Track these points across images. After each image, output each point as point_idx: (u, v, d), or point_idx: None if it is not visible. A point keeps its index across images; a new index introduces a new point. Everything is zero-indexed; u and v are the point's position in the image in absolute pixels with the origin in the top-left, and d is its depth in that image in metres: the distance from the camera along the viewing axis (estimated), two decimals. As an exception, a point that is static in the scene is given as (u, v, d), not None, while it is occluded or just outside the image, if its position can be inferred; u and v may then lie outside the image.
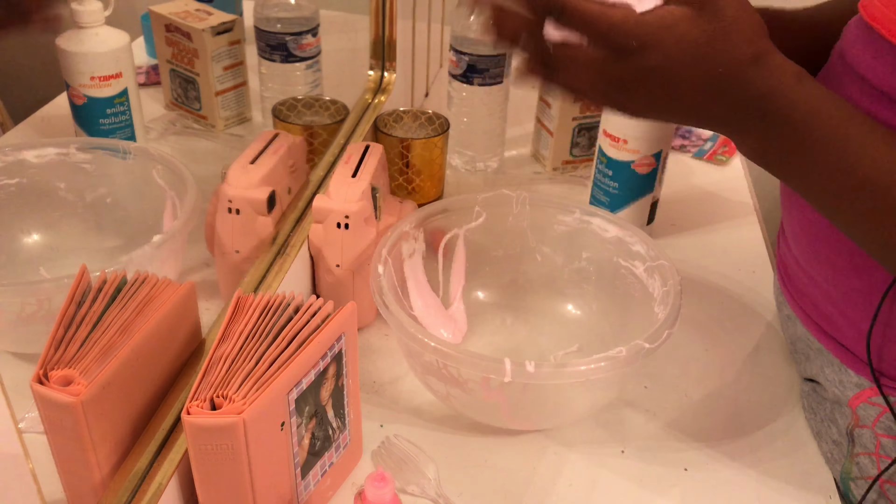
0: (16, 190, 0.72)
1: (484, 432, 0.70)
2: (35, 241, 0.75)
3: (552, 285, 0.81)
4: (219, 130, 0.90)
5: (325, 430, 0.61)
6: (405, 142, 0.91)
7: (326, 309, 0.58)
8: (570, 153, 1.06)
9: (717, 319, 0.85)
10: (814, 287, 0.69)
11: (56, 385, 0.49)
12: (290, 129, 0.87)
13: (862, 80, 0.60)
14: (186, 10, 0.86)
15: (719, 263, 0.92)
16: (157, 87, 0.91)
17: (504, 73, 1.01)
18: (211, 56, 0.85)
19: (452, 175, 1.05)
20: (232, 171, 0.72)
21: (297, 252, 0.74)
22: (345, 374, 0.61)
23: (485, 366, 0.60)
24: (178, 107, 0.90)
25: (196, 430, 0.51)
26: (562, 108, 1.02)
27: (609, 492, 0.66)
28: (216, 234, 0.73)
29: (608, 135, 0.89)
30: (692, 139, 1.17)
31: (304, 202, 0.80)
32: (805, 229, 0.67)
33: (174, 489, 0.56)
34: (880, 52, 0.59)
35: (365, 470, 0.67)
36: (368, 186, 0.75)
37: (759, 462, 0.69)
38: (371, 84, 1.03)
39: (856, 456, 0.65)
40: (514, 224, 0.80)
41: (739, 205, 1.03)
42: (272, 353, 0.54)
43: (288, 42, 0.90)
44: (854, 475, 0.66)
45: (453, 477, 0.66)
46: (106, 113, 0.76)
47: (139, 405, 0.56)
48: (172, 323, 0.57)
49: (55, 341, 0.51)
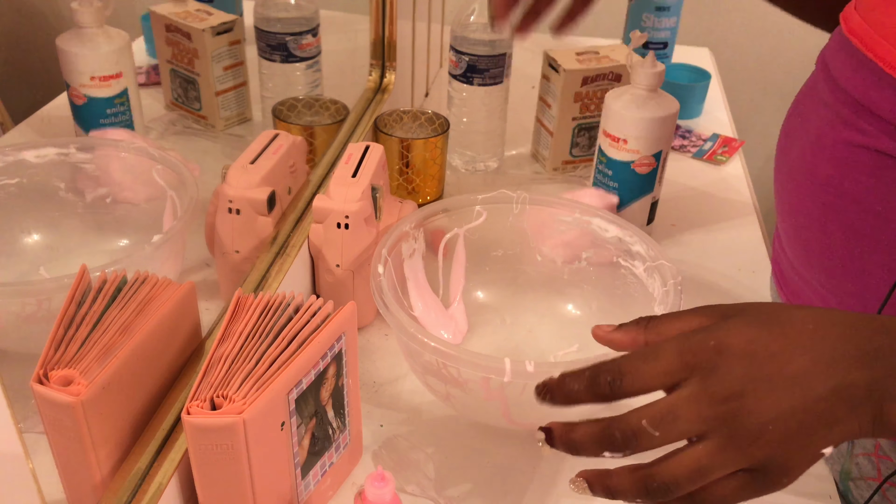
0: (16, 190, 0.72)
1: (484, 432, 0.70)
2: (35, 241, 0.75)
3: (552, 285, 0.81)
4: (219, 130, 0.90)
5: (325, 430, 0.61)
6: (405, 142, 0.91)
7: (326, 309, 0.58)
8: (570, 153, 1.06)
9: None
10: (810, 290, 0.69)
11: (56, 385, 0.49)
12: (290, 129, 0.87)
13: (844, 93, 0.60)
14: (186, 11, 0.86)
15: (719, 263, 0.92)
16: (157, 87, 0.91)
17: (504, 73, 1.01)
18: (211, 56, 0.85)
19: (452, 175, 1.05)
20: (232, 171, 0.72)
21: (297, 252, 0.74)
22: (345, 374, 0.61)
23: (485, 366, 0.60)
24: (178, 107, 0.90)
25: (196, 430, 0.51)
26: (562, 108, 1.02)
27: (609, 492, 0.66)
28: (216, 234, 0.73)
29: (608, 135, 0.89)
30: (692, 139, 1.17)
31: (304, 202, 0.80)
32: (799, 234, 0.67)
33: (174, 489, 0.56)
34: (859, 66, 0.59)
35: (365, 470, 0.67)
36: (368, 186, 0.75)
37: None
38: (371, 84, 1.03)
39: (855, 456, 0.65)
40: (515, 224, 0.80)
41: (739, 205, 1.03)
42: (272, 353, 0.54)
43: (288, 42, 0.90)
44: (853, 475, 0.66)
45: (453, 477, 0.66)
46: (106, 113, 0.76)
47: (139, 405, 0.56)
48: (172, 323, 0.57)
49: (55, 341, 0.51)
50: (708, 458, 0.43)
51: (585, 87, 1.01)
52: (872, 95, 0.57)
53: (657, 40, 1.26)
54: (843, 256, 0.61)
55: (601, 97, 1.02)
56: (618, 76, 1.01)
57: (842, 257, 0.62)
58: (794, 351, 0.44)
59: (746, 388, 0.43)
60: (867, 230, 0.59)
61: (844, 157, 0.60)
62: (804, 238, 0.66)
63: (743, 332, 0.45)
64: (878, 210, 0.58)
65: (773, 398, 0.43)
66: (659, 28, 1.25)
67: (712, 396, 0.43)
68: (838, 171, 0.60)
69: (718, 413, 0.43)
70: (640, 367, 0.45)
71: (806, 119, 0.65)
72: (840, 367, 0.43)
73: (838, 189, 0.60)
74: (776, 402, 0.43)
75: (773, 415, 0.43)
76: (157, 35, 0.86)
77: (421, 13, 1.14)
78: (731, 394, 0.43)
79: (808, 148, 0.63)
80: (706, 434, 0.43)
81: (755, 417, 0.43)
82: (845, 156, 0.60)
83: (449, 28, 1.01)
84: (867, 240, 0.59)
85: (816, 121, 0.63)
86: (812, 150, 0.63)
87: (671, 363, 0.44)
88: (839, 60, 0.61)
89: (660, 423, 0.44)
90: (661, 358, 0.45)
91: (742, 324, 0.45)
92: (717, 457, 0.43)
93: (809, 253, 0.65)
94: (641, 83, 0.86)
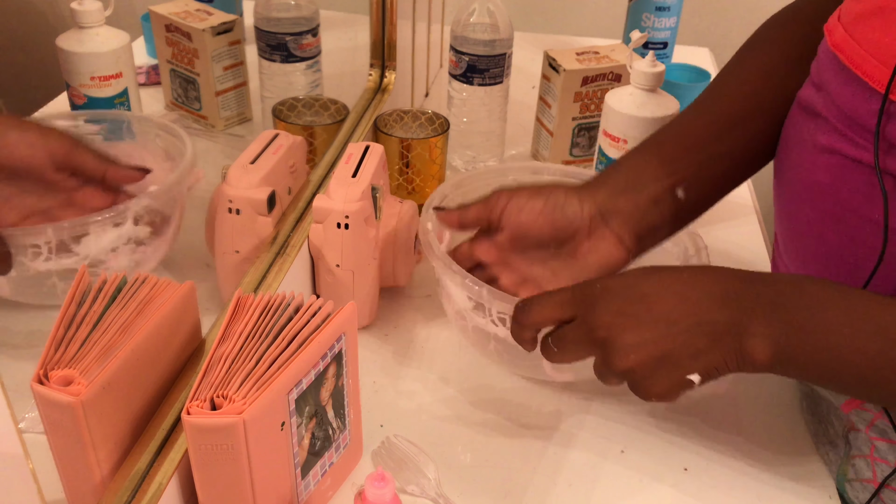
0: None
1: (484, 432, 0.70)
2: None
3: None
4: (219, 130, 0.90)
5: (325, 430, 0.61)
6: (405, 142, 0.91)
7: (326, 309, 0.58)
8: (570, 153, 1.06)
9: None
10: None
11: (56, 385, 0.49)
12: (290, 129, 0.87)
13: (836, 107, 0.60)
14: (186, 10, 0.86)
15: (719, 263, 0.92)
16: (157, 87, 0.91)
17: (504, 73, 1.01)
18: (211, 56, 0.85)
19: (452, 175, 1.05)
20: (232, 171, 0.72)
21: (297, 252, 0.74)
22: (345, 374, 0.61)
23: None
24: (178, 107, 0.90)
25: (196, 430, 0.51)
26: (562, 108, 1.02)
27: (609, 492, 0.66)
28: (216, 234, 0.73)
29: (608, 135, 0.89)
30: (692, 139, 1.17)
31: (304, 202, 0.80)
32: (795, 240, 0.67)
33: (174, 489, 0.56)
34: (848, 81, 0.58)
35: (365, 470, 0.67)
36: (368, 186, 0.75)
37: (759, 462, 0.69)
38: (371, 84, 1.03)
39: (852, 458, 0.65)
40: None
41: (739, 205, 1.03)
42: (272, 353, 0.54)
43: (288, 42, 0.90)
44: (850, 477, 0.66)
45: (453, 477, 0.66)
46: (106, 113, 0.76)
47: (139, 405, 0.56)
48: (172, 323, 0.57)
49: (55, 341, 0.51)
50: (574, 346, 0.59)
51: (585, 87, 1.01)
52: (862, 110, 0.57)
53: (657, 40, 1.26)
54: (839, 265, 0.61)
55: (601, 97, 1.02)
56: (618, 76, 1.01)
57: (837, 265, 0.62)
58: (664, 293, 0.55)
59: (615, 321, 0.55)
60: (863, 238, 0.59)
61: (840, 167, 0.59)
62: (801, 245, 0.66)
63: (625, 278, 0.58)
64: (874, 219, 0.57)
65: (639, 329, 0.55)
66: (659, 28, 1.25)
67: (590, 325, 0.56)
68: (836, 179, 0.60)
69: (594, 338, 0.56)
70: (544, 300, 0.60)
71: (802, 128, 0.64)
72: (703, 306, 0.54)
73: (835, 198, 0.60)
74: (641, 332, 0.55)
75: (637, 341, 0.55)
76: (157, 35, 0.86)
77: (421, 13, 1.14)
78: (603, 324, 0.56)
79: (806, 155, 0.63)
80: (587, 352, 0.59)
81: (621, 341, 0.55)
82: (841, 166, 0.59)
83: (449, 28, 1.01)
84: (862, 248, 0.59)
85: (813, 129, 0.62)
86: (810, 157, 0.62)
87: (565, 299, 0.59)
88: (829, 73, 0.61)
89: (557, 340, 0.59)
90: (560, 294, 0.59)
91: (627, 274, 0.58)
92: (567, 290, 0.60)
93: (806, 260, 0.65)
94: (641, 83, 0.86)
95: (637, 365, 0.55)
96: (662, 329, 0.54)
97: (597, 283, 0.58)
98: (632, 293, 0.57)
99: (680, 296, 0.55)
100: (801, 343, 0.53)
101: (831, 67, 0.60)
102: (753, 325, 0.54)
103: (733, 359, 0.55)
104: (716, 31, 1.73)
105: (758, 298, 0.54)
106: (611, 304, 0.56)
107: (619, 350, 0.55)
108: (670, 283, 0.56)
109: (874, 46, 0.55)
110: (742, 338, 0.54)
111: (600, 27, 1.67)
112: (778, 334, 0.53)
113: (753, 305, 0.54)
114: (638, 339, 0.55)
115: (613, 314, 0.56)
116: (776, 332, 0.53)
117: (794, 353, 0.54)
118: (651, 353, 0.55)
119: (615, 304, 0.56)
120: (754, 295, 0.54)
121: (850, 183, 0.59)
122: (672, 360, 0.55)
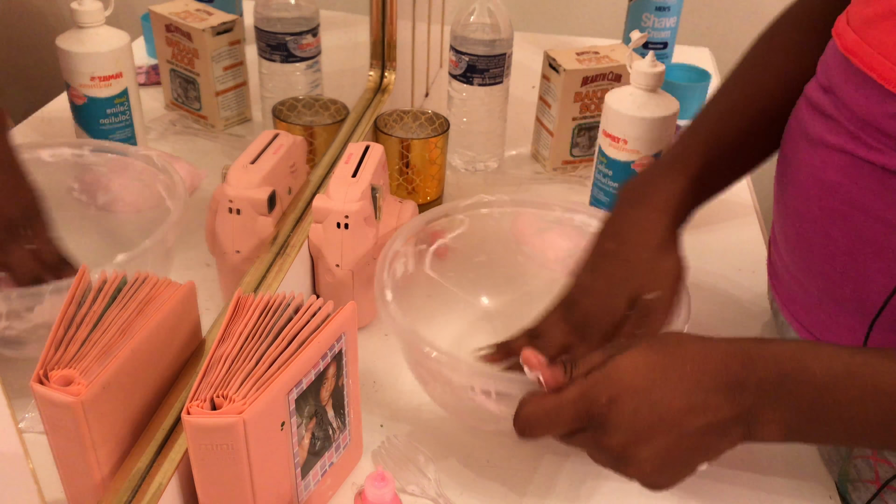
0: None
1: (484, 432, 0.70)
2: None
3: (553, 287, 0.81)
4: (219, 130, 0.90)
5: (325, 430, 0.61)
6: (405, 142, 0.91)
7: (326, 309, 0.58)
8: (570, 153, 1.06)
9: (716, 320, 0.84)
10: (805, 295, 0.68)
11: (56, 385, 0.49)
12: (290, 129, 0.87)
13: (848, 109, 0.59)
14: (186, 10, 0.86)
15: (719, 264, 0.92)
16: (157, 87, 0.91)
17: (504, 73, 1.01)
18: (211, 56, 0.85)
19: (452, 175, 1.05)
20: (232, 171, 0.72)
21: (297, 252, 0.74)
22: (345, 374, 0.61)
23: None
24: (178, 107, 0.90)
25: (196, 430, 0.51)
26: (562, 108, 1.02)
27: (609, 492, 0.66)
28: (216, 234, 0.73)
29: (608, 135, 0.89)
30: (692, 139, 1.17)
31: (304, 202, 0.80)
32: (801, 238, 0.67)
33: (174, 489, 0.56)
34: (862, 84, 0.58)
35: (365, 470, 0.67)
36: (368, 186, 0.75)
37: (760, 462, 0.69)
38: (371, 84, 1.03)
39: (853, 459, 0.65)
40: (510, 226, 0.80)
41: (739, 205, 1.03)
42: (272, 353, 0.54)
43: (288, 42, 0.90)
44: (852, 477, 0.66)
45: (453, 477, 0.66)
46: (106, 113, 0.76)
47: (139, 405, 0.56)
48: (172, 323, 0.57)
49: (55, 341, 0.51)
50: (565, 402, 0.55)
51: (585, 87, 1.01)
52: (876, 112, 0.57)
53: (657, 40, 1.26)
54: (845, 262, 0.61)
55: (601, 97, 1.02)
56: (618, 76, 1.01)
57: (843, 263, 0.61)
58: (671, 396, 0.53)
59: (628, 439, 0.53)
60: (871, 236, 0.59)
61: (851, 167, 0.59)
62: (806, 243, 0.65)
63: (632, 381, 0.54)
64: (885, 217, 0.57)
65: (652, 442, 0.53)
66: (659, 28, 1.25)
67: (603, 445, 0.55)
68: (846, 178, 0.60)
69: (608, 456, 0.55)
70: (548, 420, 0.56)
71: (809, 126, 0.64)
72: (711, 404, 0.53)
73: (846, 196, 0.60)
74: (654, 444, 0.53)
75: (650, 454, 0.54)
76: (157, 35, 0.86)
77: (421, 13, 1.14)
78: (617, 444, 0.54)
79: (815, 154, 0.63)
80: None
81: (636, 457, 0.54)
82: (851, 166, 0.59)
83: (449, 28, 1.01)
84: (871, 246, 0.59)
85: (821, 130, 0.62)
86: (819, 155, 0.62)
87: (570, 416, 0.55)
88: (839, 77, 0.61)
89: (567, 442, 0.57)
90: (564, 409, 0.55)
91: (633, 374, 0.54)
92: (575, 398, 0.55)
93: (810, 258, 0.65)
94: (641, 83, 0.86)
95: (651, 471, 0.55)
96: (674, 438, 0.54)
97: (603, 394, 0.54)
98: (641, 404, 0.54)
99: (687, 395, 0.54)
100: (811, 423, 0.54)
101: (842, 70, 0.60)
102: (762, 413, 0.53)
103: (742, 440, 0.55)
104: (716, 31, 1.73)
105: (761, 384, 0.53)
106: (621, 420, 0.54)
107: (634, 464, 0.55)
108: (676, 382, 0.54)
109: (888, 49, 0.55)
110: (751, 426, 0.54)
111: (600, 27, 1.67)
112: (788, 418, 0.53)
113: (758, 392, 0.53)
114: (651, 451, 0.54)
115: (625, 432, 0.54)
116: (786, 417, 0.53)
117: (806, 431, 0.55)
118: (664, 460, 0.54)
119: (625, 420, 0.54)
120: (757, 380, 0.53)
121: (862, 181, 0.59)
122: (684, 461, 0.55)
